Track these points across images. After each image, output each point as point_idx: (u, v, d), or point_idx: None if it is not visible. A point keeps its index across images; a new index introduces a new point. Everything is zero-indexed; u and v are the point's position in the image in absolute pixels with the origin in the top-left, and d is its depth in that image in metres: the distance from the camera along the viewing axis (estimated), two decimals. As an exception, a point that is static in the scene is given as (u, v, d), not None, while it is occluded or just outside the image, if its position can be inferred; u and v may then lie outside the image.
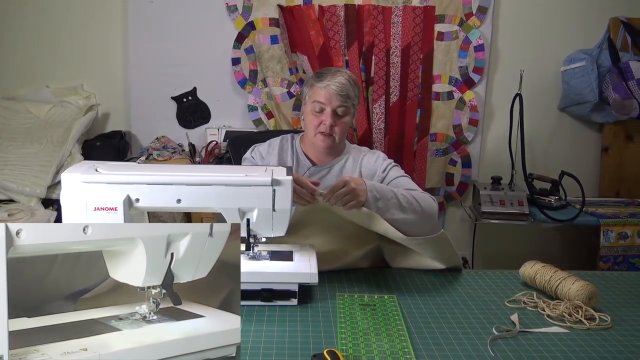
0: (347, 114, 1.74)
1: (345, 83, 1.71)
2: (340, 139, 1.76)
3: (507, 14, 2.98)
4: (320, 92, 1.71)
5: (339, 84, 1.69)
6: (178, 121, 2.99)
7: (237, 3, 2.87)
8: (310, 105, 1.75)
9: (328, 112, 1.71)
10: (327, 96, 1.70)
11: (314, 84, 1.74)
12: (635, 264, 2.63)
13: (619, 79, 2.86)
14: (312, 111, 1.74)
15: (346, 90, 1.70)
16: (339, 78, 1.71)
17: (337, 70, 1.76)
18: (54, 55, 2.94)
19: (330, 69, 1.79)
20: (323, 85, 1.70)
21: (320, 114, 1.72)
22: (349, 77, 1.75)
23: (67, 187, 1.21)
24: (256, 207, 1.27)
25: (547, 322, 1.31)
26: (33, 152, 2.65)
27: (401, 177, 1.76)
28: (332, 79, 1.70)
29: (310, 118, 1.75)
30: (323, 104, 1.71)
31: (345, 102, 1.71)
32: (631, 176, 3.08)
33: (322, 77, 1.73)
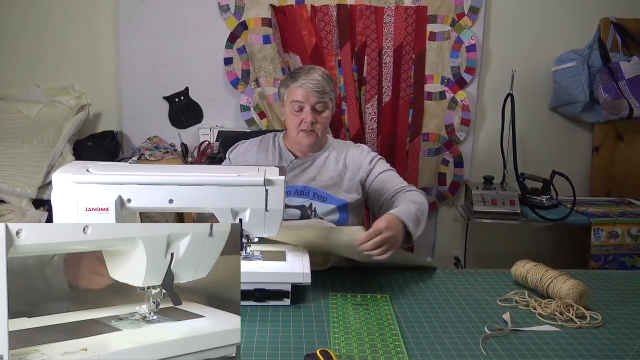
0: (326, 108, 1.79)
1: (320, 79, 1.75)
2: (322, 134, 1.81)
3: (498, 14, 3.00)
4: (297, 91, 1.75)
5: (313, 81, 1.74)
6: (170, 121, 2.98)
7: (230, 3, 2.86)
8: (289, 105, 1.78)
9: (307, 110, 1.75)
10: (304, 94, 1.74)
11: (290, 84, 1.78)
12: (626, 263, 2.66)
13: (609, 79, 2.88)
14: (292, 111, 1.77)
15: (322, 86, 1.74)
16: (313, 75, 1.75)
17: (310, 68, 1.80)
18: (45, 54, 2.92)
19: (303, 68, 1.83)
20: (299, 84, 1.74)
21: (300, 113, 1.76)
22: (323, 72, 1.79)
23: (58, 188, 1.20)
24: (249, 207, 1.27)
25: (538, 321, 1.31)
26: (24, 152, 2.63)
27: (387, 171, 1.81)
28: (307, 77, 1.74)
29: (291, 118, 1.78)
30: (301, 103, 1.75)
31: (322, 97, 1.75)
32: (621, 176, 3.10)
33: (296, 76, 1.77)
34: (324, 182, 1.80)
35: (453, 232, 3.23)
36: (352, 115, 2.86)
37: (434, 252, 3.23)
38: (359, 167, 1.82)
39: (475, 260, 3.22)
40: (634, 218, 2.64)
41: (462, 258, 3.16)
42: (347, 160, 1.84)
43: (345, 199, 1.78)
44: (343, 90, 2.87)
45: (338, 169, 1.83)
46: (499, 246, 3.20)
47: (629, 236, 2.63)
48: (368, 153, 1.87)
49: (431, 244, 3.21)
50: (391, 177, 1.80)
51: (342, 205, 1.77)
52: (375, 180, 1.81)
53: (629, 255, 2.66)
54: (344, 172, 1.83)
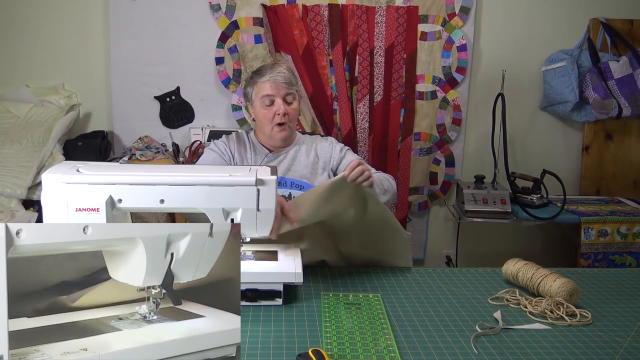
0: (295, 100, 1.83)
1: (286, 72, 1.80)
2: (292, 127, 1.86)
3: (489, 14, 3.01)
4: (266, 85, 1.78)
5: (280, 73, 1.78)
6: (161, 121, 2.97)
7: (221, 2, 2.85)
8: (259, 101, 1.81)
9: (279, 102, 1.78)
10: (273, 87, 1.77)
11: (257, 80, 1.80)
12: (615, 261, 2.68)
13: (598, 79, 2.91)
14: (263, 106, 1.80)
15: (288, 78, 1.79)
16: (279, 69, 1.80)
17: (273, 64, 1.85)
18: (34, 53, 2.90)
19: (266, 64, 1.87)
20: (266, 78, 1.78)
21: (272, 106, 1.79)
22: (287, 67, 1.85)
23: (48, 188, 1.19)
24: (240, 207, 1.27)
25: (529, 319, 1.32)
26: (13, 152, 2.60)
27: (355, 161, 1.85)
28: (273, 71, 1.78)
29: (263, 113, 1.81)
30: (272, 96, 1.78)
31: (290, 89, 1.80)
32: (611, 175, 3.13)
33: (262, 72, 1.81)
34: (300, 172, 1.87)
35: (444, 231, 3.24)
36: (344, 115, 2.87)
37: (425, 251, 3.24)
38: (330, 156, 1.89)
39: (467, 259, 3.24)
40: (623, 217, 2.67)
41: (454, 257, 3.17)
42: (317, 151, 1.90)
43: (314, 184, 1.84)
44: (335, 90, 2.87)
45: (310, 160, 1.88)
46: (490, 245, 3.22)
47: (619, 234, 2.66)
48: (337, 144, 1.94)
49: (423, 243, 3.23)
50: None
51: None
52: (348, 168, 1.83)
53: (618, 254, 2.68)
54: (317, 162, 1.89)
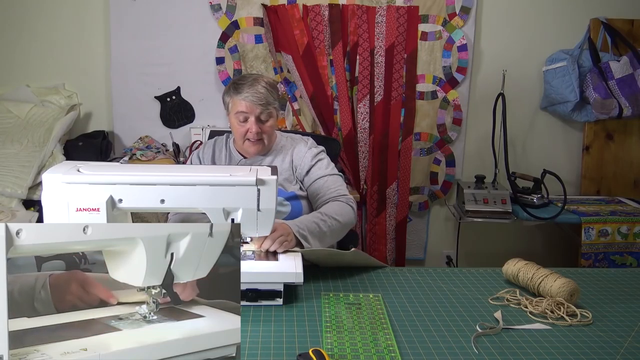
0: (271, 117, 1.81)
1: (263, 91, 1.76)
2: (269, 141, 1.84)
3: (489, 14, 3.01)
4: (241, 103, 1.77)
5: (257, 93, 1.75)
6: (162, 121, 2.97)
7: (221, 2, 2.85)
8: (234, 116, 1.80)
9: (252, 121, 1.77)
10: (248, 106, 1.76)
11: (233, 95, 1.79)
12: (616, 261, 2.68)
13: (599, 79, 2.91)
14: (237, 121, 1.80)
15: (264, 98, 1.76)
16: (256, 87, 1.76)
17: (253, 79, 1.80)
18: (35, 54, 2.90)
19: (247, 78, 1.82)
20: (242, 97, 1.76)
21: (245, 123, 1.78)
22: (266, 83, 1.80)
23: (48, 188, 1.20)
24: (241, 207, 1.27)
25: (529, 319, 1.32)
26: (13, 152, 2.61)
27: (323, 177, 1.83)
28: (250, 90, 1.75)
29: (237, 127, 1.81)
30: (246, 114, 1.77)
31: (266, 108, 1.77)
32: (611, 174, 3.13)
33: (239, 88, 1.77)
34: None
35: (445, 231, 3.24)
36: (345, 115, 2.87)
37: (425, 251, 3.24)
38: (301, 162, 1.86)
39: (467, 259, 3.24)
40: (624, 217, 2.67)
41: (454, 257, 3.17)
42: (293, 156, 1.88)
43: (294, 191, 1.83)
44: (335, 90, 2.87)
45: (285, 166, 1.86)
46: (491, 245, 3.22)
47: (619, 234, 2.65)
48: (312, 148, 1.89)
49: (423, 243, 3.23)
50: (326, 185, 1.82)
51: (292, 196, 1.81)
52: (312, 185, 1.84)
53: (619, 254, 2.68)
54: (291, 168, 1.87)
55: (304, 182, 1.86)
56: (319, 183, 1.83)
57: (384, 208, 3.02)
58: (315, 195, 1.83)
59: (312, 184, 1.84)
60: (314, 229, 1.60)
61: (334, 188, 1.81)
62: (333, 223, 1.66)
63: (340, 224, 1.69)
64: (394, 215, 3.03)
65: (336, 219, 1.68)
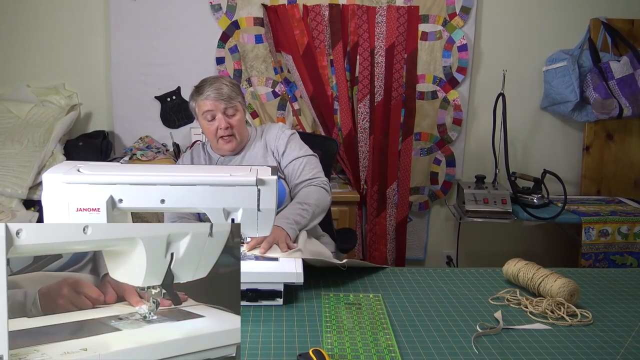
0: (237, 111, 1.86)
1: (224, 88, 1.83)
2: (240, 136, 1.88)
3: (490, 14, 3.01)
4: (205, 102, 1.82)
5: (217, 90, 1.81)
6: (162, 121, 2.97)
7: (221, 2, 2.85)
8: (202, 117, 1.86)
9: (219, 117, 1.83)
10: (212, 103, 1.82)
11: (197, 98, 1.85)
12: (616, 261, 2.68)
13: (599, 79, 2.90)
14: (206, 121, 1.85)
15: (226, 93, 1.82)
16: (216, 84, 1.83)
17: (213, 79, 1.87)
18: (35, 53, 2.90)
19: (207, 80, 1.88)
20: (204, 96, 1.82)
21: (214, 121, 1.84)
22: (227, 81, 1.87)
23: (48, 188, 1.19)
24: (241, 207, 1.27)
25: (530, 319, 1.32)
26: (14, 152, 2.61)
27: (299, 158, 1.89)
28: (210, 88, 1.82)
29: (207, 128, 1.86)
30: (212, 111, 1.83)
31: (230, 103, 1.83)
32: (611, 174, 3.13)
33: (200, 89, 1.85)
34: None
35: (445, 231, 3.24)
36: (345, 115, 2.87)
37: (426, 251, 3.24)
38: (275, 144, 1.92)
39: (467, 259, 3.24)
40: (624, 217, 2.67)
41: (454, 257, 3.17)
42: (267, 140, 1.93)
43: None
44: (335, 90, 2.87)
45: (261, 151, 1.92)
46: (491, 245, 3.22)
47: (619, 234, 2.65)
48: (285, 130, 1.95)
49: (423, 243, 3.23)
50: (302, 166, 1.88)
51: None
52: (288, 167, 1.90)
53: (619, 254, 2.68)
54: (267, 151, 1.92)
55: (281, 164, 1.90)
56: (295, 164, 1.88)
57: (384, 208, 3.02)
58: (291, 175, 1.88)
59: (288, 165, 1.89)
60: (300, 221, 1.67)
61: (309, 169, 1.87)
62: (315, 209, 1.74)
63: (320, 209, 1.77)
64: (394, 215, 3.03)
65: (316, 205, 1.76)
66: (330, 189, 1.88)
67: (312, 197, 1.78)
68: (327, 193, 1.85)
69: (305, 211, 1.71)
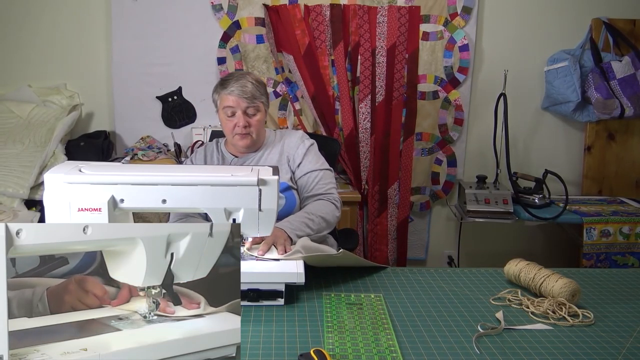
0: (258, 111, 1.84)
1: (250, 86, 1.80)
2: (257, 135, 1.86)
3: (491, 14, 3.01)
4: (228, 97, 1.80)
5: (242, 87, 1.79)
6: (163, 121, 2.97)
7: (222, 2, 2.85)
8: (222, 111, 1.84)
9: (239, 114, 1.81)
10: (234, 100, 1.79)
11: (220, 91, 1.83)
12: (618, 261, 2.68)
13: (600, 79, 2.90)
14: (225, 116, 1.83)
15: (250, 92, 1.80)
16: (242, 81, 1.81)
17: (240, 75, 1.85)
18: (36, 54, 2.90)
19: (233, 74, 1.86)
20: (228, 91, 1.80)
21: (233, 118, 1.82)
22: (253, 79, 1.84)
23: (50, 188, 1.20)
24: (242, 207, 1.27)
25: (531, 319, 1.32)
26: (15, 152, 2.61)
27: (314, 171, 1.87)
28: (236, 84, 1.80)
29: (225, 123, 1.84)
30: (233, 108, 1.80)
31: (252, 102, 1.81)
32: (613, 175, 3.12)
33: (226, 84, 1.82)
34: None
35: (446, 231, 3.24)
36: (346, 115, 2.87)
37: (427, 251, 3.24)
38: (294, 153, 1.90)
39: (468, 259, 3.24)
40: (625, 217, 2.66)
41: (456, 257, 3.17)
42: (285, 147, 1.92)
43: (286, 182, 1.85)
44: (336, 90, 2.87)
45: (276, 157, 1.90)
46: (492, 245, 3.21)
47: (621, 235, 2.65)
48: (304, 140, 1.93)
49: (424, 243, 3.23)
50: (317, 180, 1.86)
51: (285, 187, 1.83)
52: (302, 178, 1.88)
53: (620, 254, 2.67)
54: (283, 158, 1.90)
55: (295, 174, 1.89)
56: (310, 177, 1.86)
57: (385, 208, 3.02)
58: (304, 187, 1.87)
59: (302, 176, 1.87)
60: (304, 229, 1.66)
61: (323, 184, 1.86)
62: (320, 222, 1.72)
63: (326, 224, 1.75)
64: (395, 215, 3.03)
65: (323, 218, 1.74)
66: (340, 206, 1.85)
67: (320, 210, 1.76)
68: (337, 209, 1.82)
69: (311, 221, 1.70)
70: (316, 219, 1.71)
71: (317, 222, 1.71)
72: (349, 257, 1.54)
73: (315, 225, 1.70)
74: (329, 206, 1.80)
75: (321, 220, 1.73)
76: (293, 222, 1.65)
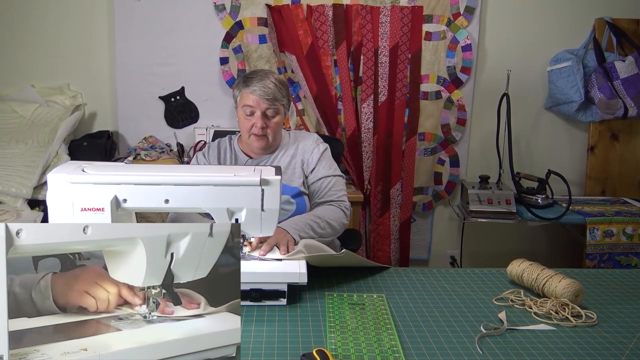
0: (277, 114, 1.81)
1: (272, 87, 1.77)
2: (274, 138, 1.84)
3: (494, 14, 3.00)
4: (249, 96, 1.78)
5: (265, 88, 1.76)
6: (166, 121, 2.98)
7: (225, 2, 2.86)
8: (241, 109, 1.81)
9: (258, 115, 1.78)
10: (255, 100, 1.77)
11: (242, 88, 1.80)
12: (621, 262, 2.67)
13: (604, 79, 2.89)
14: (244, 115, 1.81)
15: (272, 93, 1.77)
16: (265, 81, 1.77)
17: (264, 74, 1.81)
18: (40, 54, 2.91)
19: (257, 73, 1.83)
20: (250, 90, 1.77)
21: (251, 117, 1.79)
22: (276, 79, 1.81)
23: (53, 188, 1.20)
24: (245, 207, 1.27)
25: (534, 320, 1.32)
26: (18, 152, 2.62)
27: (327, 177, 1.86)
28: (259, 84, 1.76)
29: (243, 121, 1.82)
30: (252, 108, 1.78)
31: (273, 104, 1.78)
32: (616, 175, 3.12)
33: (249, 82, 1.79)
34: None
35: (449, 232, 3.24)
36: (348, 115, 2.86)
37: (429, 251, 3.24)
38: (309, 156, 1.88)
39: (471, 260, 3.23)
40: (629, 217, 2.66)
41: (458, 257, 3.17)
42: (299, 150, 1.89)
43: (298, 186, 1.83)
44: (339, 90, 2.87)
45: (289, 160, 1.88)
46: (495, 245, 3.21)
47: (624, 235, 2.64)
48: (319, 144, 1.91)
49: (427, 243, 3.22)
50: (329, 186, 1.85)
51: (296, 193, 1.82)
52: (315, 183, 1.87)
53: (624, 254, 2.67)
54: (296, 163, 1.88)
55: (309, 179, 1.87)
56: (323, 182, 1.85)
57: (387, 208, 3.01)
58: (315, 193, 1.85)
59: (315, 181, 1.85)
60: (308, 232, 1.64)
61: (334, 191, 1.84)
62: (326, 227, 1.70)
63: (331, 230, 1.73)
64: (397, 215, 3.03)
65: (330, 224, 1.72)
66: (350, 214, 1.83)
67: (328, 215, 1.74)
68: (345, 217, 1.80)
69: (317, 224, 1.68)
70: (322, 223, 1.69)
71: (323, 227, 1.69)
72: (351, 257, 1.54)
73: (320, 229, 1.68)
74: (337, 212, 1.78)
75: (327, 225, 1.71)
76: (298, 223, 1.64)
